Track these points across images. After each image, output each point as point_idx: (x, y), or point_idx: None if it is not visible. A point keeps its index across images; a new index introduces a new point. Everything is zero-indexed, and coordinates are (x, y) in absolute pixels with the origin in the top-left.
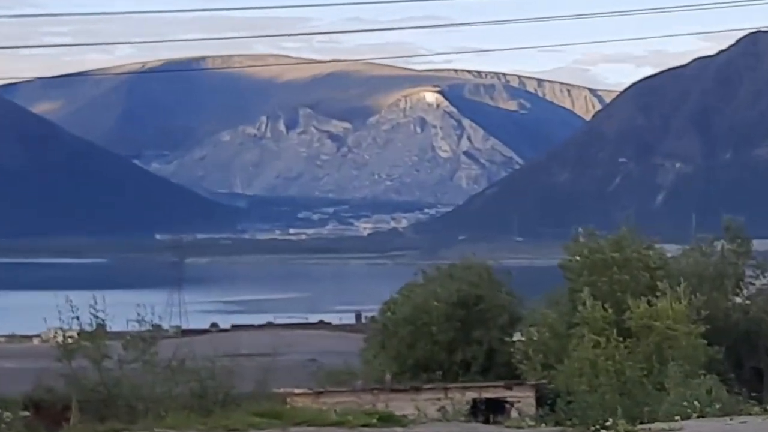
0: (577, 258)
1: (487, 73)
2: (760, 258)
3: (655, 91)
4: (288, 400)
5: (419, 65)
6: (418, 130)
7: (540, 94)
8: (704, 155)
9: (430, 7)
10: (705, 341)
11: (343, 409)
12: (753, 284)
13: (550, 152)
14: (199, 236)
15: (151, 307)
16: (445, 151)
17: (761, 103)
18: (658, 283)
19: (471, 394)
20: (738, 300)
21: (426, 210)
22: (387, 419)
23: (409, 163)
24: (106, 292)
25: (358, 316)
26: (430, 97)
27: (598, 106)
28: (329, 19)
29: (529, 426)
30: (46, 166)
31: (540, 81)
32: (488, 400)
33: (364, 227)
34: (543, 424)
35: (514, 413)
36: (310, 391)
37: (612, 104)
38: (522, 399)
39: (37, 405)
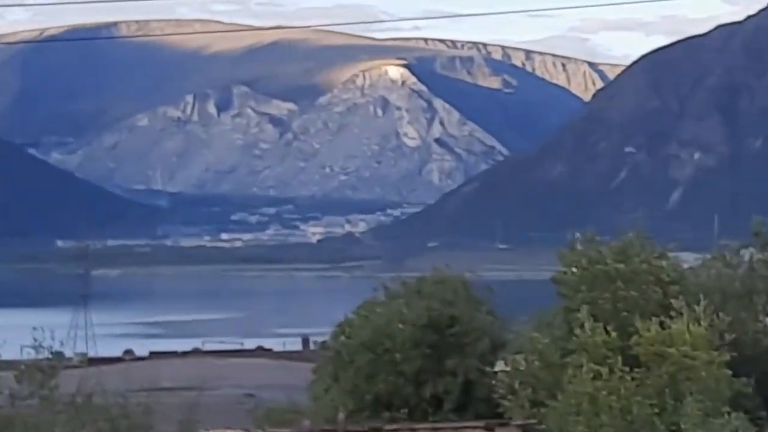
0: (574, 270)
1: (463, 43)
2: None
3: (669, 66)
4: None
5: (380, 33)
6: (380, 112)
7: (528, 68)
8: (729, 144)
9: None
10: (730, 372)
11: None
12: None
13: (541, 141)
14: (110, 243)
15: (50, 330)
16: (413, 138)
17: None
18: (673, 300)
19: None
20: None
21: (389, 211)
22: None
23: (369, 154)
24: None
25: (305, 342)
26: (394, 72)
27: (600, 84)
28: None
29: None
30: None
31: (528, 53)
32: None
33: (313, 232)
34: None
35: None
36: None
37: (616, 82)
38: None
39: None
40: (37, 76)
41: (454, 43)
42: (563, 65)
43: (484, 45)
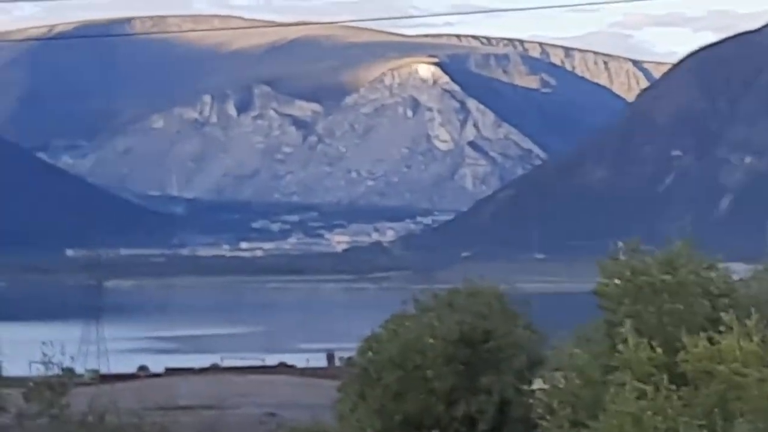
0: (617, 281)
1: (499, 40)
2: None
3: (718, 64)
4: None
5: (410, 29)
6: (409, 113)
7: (568, 67)
8: None
9: None
10: None
11: None
12: None
13: (582, 143)
14: (123, 252)
15: (60, 344)
16: (445, 141)
17: None
18: (722, 314)
19: None
20: None
21: (419, 218)
22: None
23: (397, 157)
24: (2, 325)
25: (330, 357)
26: (425, 70)
27: (645, 84)
28: None
29: None
30: None
31: (568, 50)
32: None
33: (338, 241)
34: None
35: None
36: None
37: (662, 81)
38: None
39: None
40: (46, 76)
41: (489, 40)
42: (605, 63)
43: (521, 42)
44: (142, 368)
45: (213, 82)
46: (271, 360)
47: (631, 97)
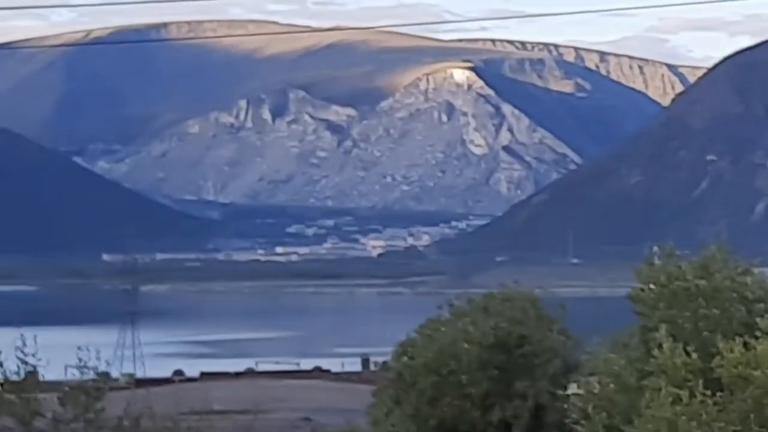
0: (652, 286)
1: (533, 44)
2: None
3: (754, 68)
4: None
5: (445, 34)
6: (444, 118)
7: (603, 71)
8: None
9: None
10: None
11: None
12: None
13: (617, 148)
14: (159, 257)
15: (96, 349)
16: (479, 145)
17: None
18: (758, 319)
19: None
20: None
21: (454, 223)
22: None
23: (432, 162)
24: (38, 330)
25: (365, 362)
26: (460, 75)
27: (680, 88)
28: None
29: None
30: None
31: (603, 54)
32: None
33: (374, 245)
34: None
35: None
36: None
37: (698, 85)
38: None
39: None
40: (83, 81)
41: (523, 45)
42: (640, 68)
43: (556, 46)
44: (178, 372)
45: (248, 86)
46: (306, 364)
47: (666, 102)
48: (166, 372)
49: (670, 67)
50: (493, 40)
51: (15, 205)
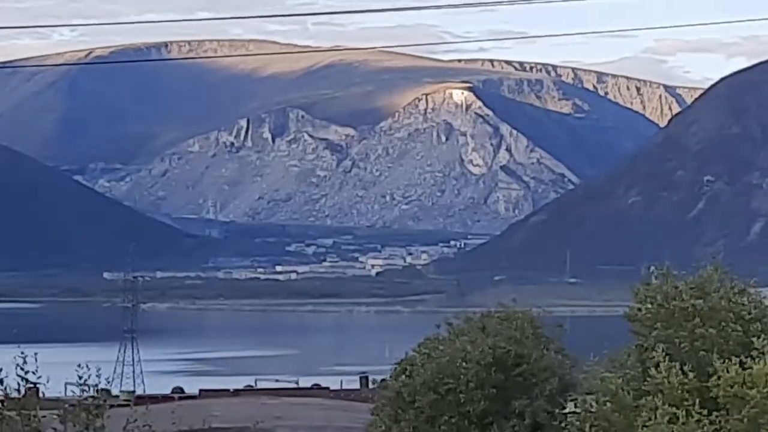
0: (649, 306)
1: (532, 65)
2: None
3: (750, 89)
4: None
5: (444, 54)
6: (443, 138)
7: (601, 92)
8: None
9: None
10: None
11: None
12: None
13: (615, 168)
14: (160, 275)
15: (96, 366)
16: (478, 165)
17: None
18: (754, 339)
19: None
20: None
21: (452, 242)
22: None
23: (431, 182)
24: (39, 347)
25: (363, 380)
26: (459, 95)
27: (677, 109)
28: None
29: None
30: None
31: (601, 75)
32: None
33: (373, 264)
34: None
35: None
36: None
37: (694, 106)
38: None
39: None
40: (84, 99)
41: (522, 65)
42: (638, 88)
43: (554, 67)
44: (177, 389)
45: (248, 106)
46: (305, 382)
47: (663, 122)
48: (165, 389)
49: (668, 87)
50: (491, 61)
51: (16, 223)
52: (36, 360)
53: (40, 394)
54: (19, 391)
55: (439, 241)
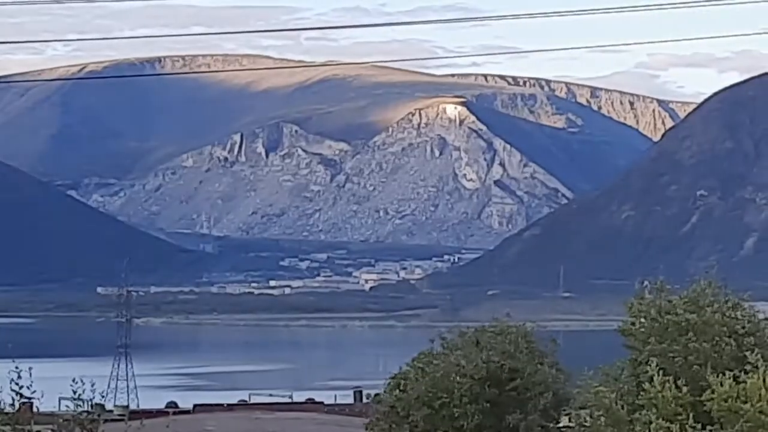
0: (643, 320)
1: (525, 80)
2: None
3: (743, 104)
4: None
5: (438, 69)
6: (436, 152)
7: (594, 106)
8: None
9: None
10: None
11: None
12: None
13: (608, 183)
14: (154, 290)
15: (90, 381)
16: (471, 180)
17: None
18: (748, 353)
19: None
20: None
21: (446, 257)
22: None
23: (425, 196)
24: (33, 362)
25: (357, 394)
26: (452, 110)
27: (670, 123)
28: (321, 10)
29: None
30: None
31: (594, 90)
32: None
33: (366, 279)
34: None
35: None
36: None
37: (687, 121)
38: None
39: None
40: (78, 114)
41: (515, 80)
42: (631, 103)
43: (547, 81)
44: (171, 404)
45: (242, 121)
46: (299, 397)
47: (656, 137)
48: (159, 404)
49: (661, 102)
50: (485, 75)
51: (10, 238)
52: (30, 375)
53: (35, 409)
54: (13, 405)
55: (433, 256)
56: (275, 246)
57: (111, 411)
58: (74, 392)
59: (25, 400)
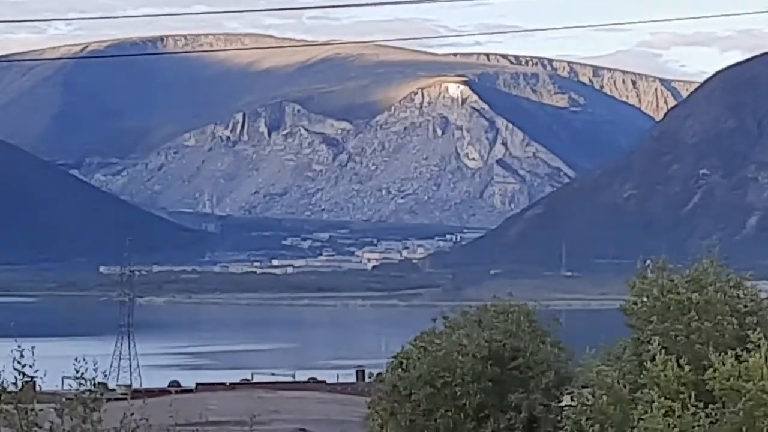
0: (645, 299)
1: (528, 59)
2: None
3: (746, 83)
4: None
5: (440, 48)
6: (439, 132)
7: (596, 86)
8: None
9: None
10: None
11: None
12: None
13: (610, 162)
14: (156, 269)
15: (93, 360)
16: (474, 159)
17: None
18: (750, 332)
19: None
20: None
21: (448, 236)
22: None
23: (427, 176)
24: (36, 341)
25: (360, 374)
26: (454, 89)
27: (673, 102)
28: None
29: None
30: None
31: (596, 69)
32: None
33: (369, 258)
34: None
35: None
36: None
37: (690, 100)
38: None
39: None
40: (80, 94)
41: (517, 59)
42: (633, 82)
43: (550, 61)
44: (174, 383)
45: (245, 100)
46: (301, 376)
47: (659, 116)
48: (162, 383)
49: (663, 81)
50: (487, 55)
51: (12, 218)
52: (33, 354)
53: (37, 388)
54: (16, 384)
55: (435, 235)
56: (278, 225)
57: (114, 390)
58: (77, 371)
59: (28, 379)
